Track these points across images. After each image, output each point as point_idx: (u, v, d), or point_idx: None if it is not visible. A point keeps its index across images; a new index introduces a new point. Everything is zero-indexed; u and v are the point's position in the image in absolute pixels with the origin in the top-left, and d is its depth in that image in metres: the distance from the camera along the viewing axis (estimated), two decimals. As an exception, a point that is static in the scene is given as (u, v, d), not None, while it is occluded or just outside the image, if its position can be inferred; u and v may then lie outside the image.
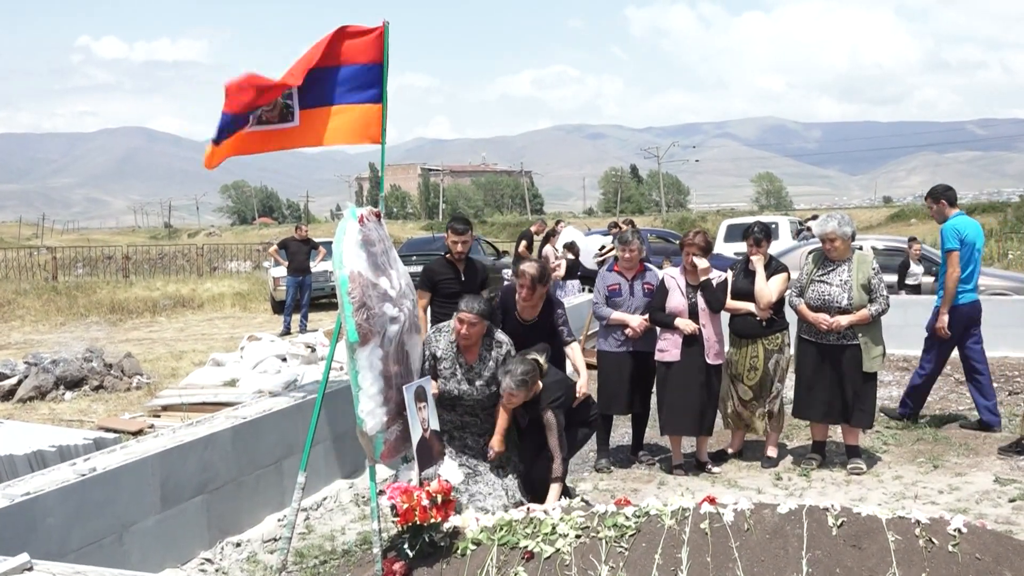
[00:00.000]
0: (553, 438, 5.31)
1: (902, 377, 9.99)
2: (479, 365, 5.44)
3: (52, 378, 10.31)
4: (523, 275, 5.73)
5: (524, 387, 5.23)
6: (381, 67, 5.34)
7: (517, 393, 5.22)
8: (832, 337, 6.48)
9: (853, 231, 6.60)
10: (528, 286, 5.74)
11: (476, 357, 5.45)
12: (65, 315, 19.98)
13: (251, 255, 36.77)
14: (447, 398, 5.42)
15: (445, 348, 5.45)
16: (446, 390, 5.40)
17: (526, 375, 5.21)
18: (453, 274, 7.19)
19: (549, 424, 5.33)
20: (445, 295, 7.01)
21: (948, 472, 6.52)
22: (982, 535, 3.78)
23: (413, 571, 4.17)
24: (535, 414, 5.38)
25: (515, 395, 5.23)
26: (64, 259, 33.07)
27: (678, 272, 6.75)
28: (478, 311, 5.30)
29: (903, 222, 52.82)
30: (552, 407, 5.36)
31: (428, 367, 5.37)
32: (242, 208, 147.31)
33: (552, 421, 5.33)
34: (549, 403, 5.36)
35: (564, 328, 6.08)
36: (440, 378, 5.40)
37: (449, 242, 7.13)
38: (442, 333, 5.52)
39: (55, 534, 4.26)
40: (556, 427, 5.32)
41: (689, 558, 3.84)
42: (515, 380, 5.20)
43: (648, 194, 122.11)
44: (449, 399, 5.43)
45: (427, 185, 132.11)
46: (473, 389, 5.43)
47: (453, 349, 5.43)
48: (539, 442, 5.42)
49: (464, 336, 5.31)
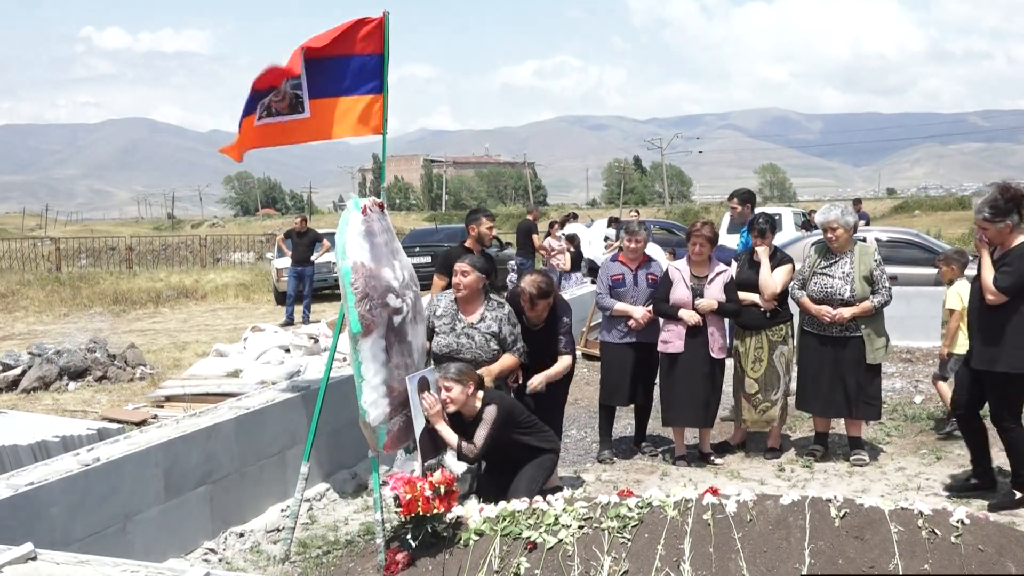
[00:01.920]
0: (482, 430, 5.02)
1: (905, 369, 10.00)
2: (479, 322, 5.52)
3: (56, 369, 10.32)
4: (523, 293, 5.73)
5: (459, 378, 5.02)
6: (382, 57, 5.33)
7: (452, 387, 5.00)
8: (835, 329, 6.47)
9: (855, 222, 6.60)
10: (528, 302, 5.73)
11: (476, 315, 5.54)
12: (69, 306, 20.00)
13: (254, 246, 36.80)
14: (444, 355, 5.44)
15: (446, 306, 5.60)
16: (444, 344, 5.47)
17: (461, 369, 5.09)
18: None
19: (487, 416, 5.05)
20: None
21: (951, 464, 6.51)
22: (985, 526, 3.78)
23: (416, 561, 4.18)
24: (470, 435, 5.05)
25: (450, 389, 5.01)
26: (68, 250, 33.11)
27: (683, 263, 6.74)
28: (471, 262, 5.54)
29: (907, 213, 52.78)
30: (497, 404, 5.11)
31: (429, 327, 5.51)
32: (245, 199, 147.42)
33: (491, 416, 5.06)
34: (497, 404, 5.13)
35: (564, 338, 5.96)
36: (438, 334, 5.50)
37: (484, 229, 7.30)
38: (445, 294, 5.72)
39: (59, 524, 4.27)
40: (491, 424, 5.03)
41: (692, 549, 3.84)
42: (451, 370, 5.06)
43: (651, 185, 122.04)
44: (447, 355, 5.43)
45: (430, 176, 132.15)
46: (472, 343, 5.47)
47: (453, 307, 5.57)
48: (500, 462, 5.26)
49: (462, 287, 5.47)
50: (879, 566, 3.64)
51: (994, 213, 5.26)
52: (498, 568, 3.97)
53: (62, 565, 3.26)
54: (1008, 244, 5.34)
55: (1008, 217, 5.26)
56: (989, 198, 5.27)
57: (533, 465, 5.23)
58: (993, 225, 5.31)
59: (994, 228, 5.31)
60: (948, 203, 56.83)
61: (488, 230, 7.33)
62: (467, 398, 5.05)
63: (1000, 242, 5.37)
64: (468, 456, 4.96)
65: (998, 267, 5.33)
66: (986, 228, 5.35)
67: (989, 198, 5.27)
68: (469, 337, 5.48)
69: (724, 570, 3.75)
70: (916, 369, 9.98)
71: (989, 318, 5.36)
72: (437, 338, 5.52)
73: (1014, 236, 5.34)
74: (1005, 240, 5.35)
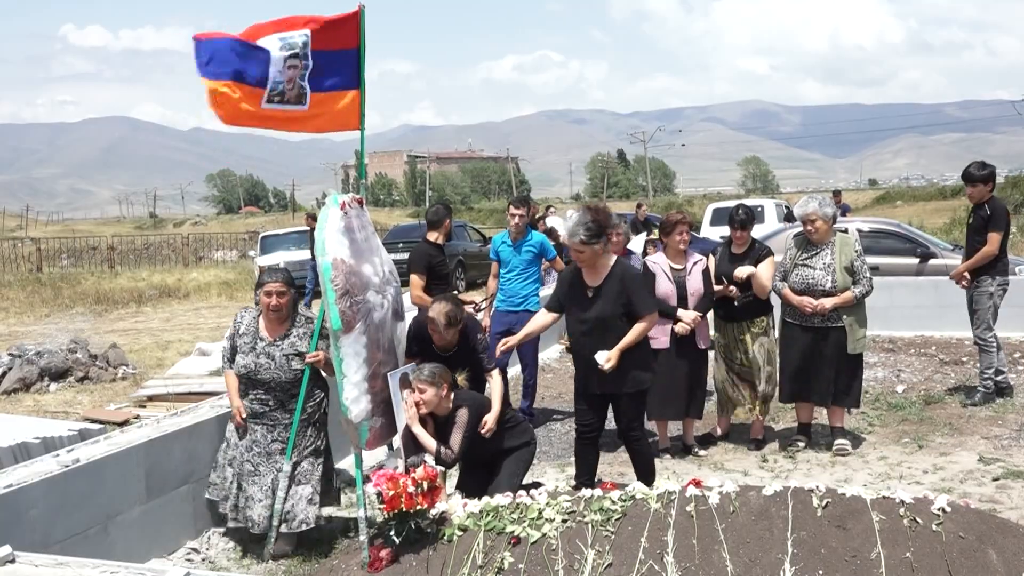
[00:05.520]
0: (457, 434, 5.00)
1: (887, 359, 10.04)
2: (281, 339, 5.21)
3: (37, 369, 10.25)
4: (431, 322, 5.28)
5: (433, 380, 4.95)
6: (358, 51, 5.30)
7: (426, 389, 4.93)
8: (817, 320, 6.49)
9: (834, 212, 6.62)
10: (436, 331, 5.31)
11: (280, 332, 5.24)
12: (50, 306, 19.88)
13: (237, 244, 36.65)
14: (244, 376, 5.19)
15: (248, 323, 5.29)
16: (243, 364, 5.17)
17: (435, 370, 4.98)
18: (443, 256, 7.48)
19: (460, 420, 5.02)
20: (439, 276, 7.34)
21: (933, 452, 6.55)
22: (966, 514, 3.80)
23: (400, 558, 4.17)
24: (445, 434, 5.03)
25: (424, 391, 4.94)
26: (49, 250, 32.91)
27: (660, 257, 6.75)
28: (283, 279, 5.25)
29: (889, 204, 52.99)
30: (469, 407, 5.08)
31: (228, 348, 5.28)
32: (227, 197, 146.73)
33: (463, 419, 5.03)
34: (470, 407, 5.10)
35: (484, 356, 5.58)
36: (240, 353, 5.21)
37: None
38: (248, 311, 5.41)
39: (39, 525, 4.24)
40: (464, 427, 5.01)
41: (675, 541, 3.84)
42: (424, 372, 4.97)
43: (635, 179, 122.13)
44: (246, 377, 5.19)
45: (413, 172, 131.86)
46: (272, 363, 5.15)
47: (255, 325, 5.27)
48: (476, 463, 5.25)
49: (275, 307, 5.16)
50: (861, 555, 3.66)
51: (590, 235, 5.17)
52: (482, 563, 3.96)
53: (41, 567, 3.24)
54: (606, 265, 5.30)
55: (600, 239, 5.23)
56: (582, 220, 5.15)
57: (512, 459, 5.24)
58: (589, 247, 5.21)
59: (590, 250, 5.22)
60: (930, 193, 57.11)
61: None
62: (440, 400, 5.02)
63: (592, 264, 5.29)
64: (446, 461, 4.93)
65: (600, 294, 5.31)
66: (582, 251, 5.23)
67: (582, 220, 5.15)
68: (269, 357, 5.16)
69: (707, 562, 3.75)
70: (898, 359, 10.03)
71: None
72: (238, 357, 5.22)
73: (606, 257, 5.32)
74: (597, 262, 5.29)
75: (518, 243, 7.68)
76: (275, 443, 5.19)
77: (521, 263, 7.65)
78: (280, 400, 5.20)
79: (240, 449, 5.21)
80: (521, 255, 7.66)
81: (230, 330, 5.28)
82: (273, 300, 5.16)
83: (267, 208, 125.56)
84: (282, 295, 5.17)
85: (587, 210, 5.27)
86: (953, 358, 9.82)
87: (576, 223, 5.18)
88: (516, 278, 7.67)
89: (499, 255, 7.77)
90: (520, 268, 7.66)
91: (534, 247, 7.71)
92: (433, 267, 7.27)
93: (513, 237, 7.71)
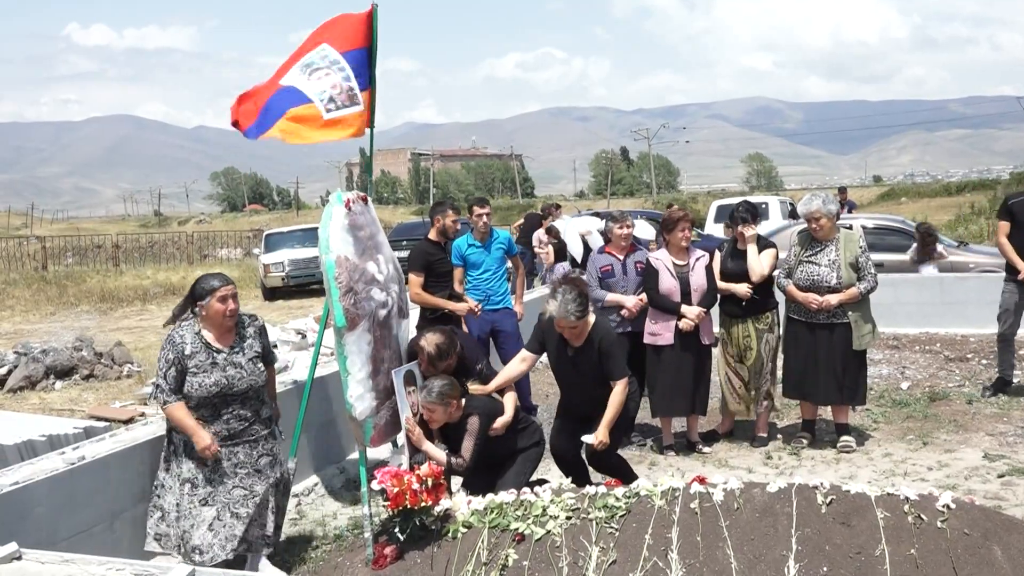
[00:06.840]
0: (468, 442, 4.95)
1: (892, 355, 10.03)
2: (239, 344, 4.76)
3: (42, 367, 10.27)
4: (420, 351, 5.14)
5: (442, 401, 4.88)
6: (370, 51, 5.33)
7: (435, 408, 4.87)
8: (821, 316, 6.49)
9: (837, 210, 6.62)
10: (427, 362, 5.14)
11: (232, 338, 4.76)
12: (55, 304, 19.91)
13: (242, 242, 36.67)
14: (216, 394, 4.62)
15: (192, 342, 4.66)
16: (212, 383, 4.59)
17: (444, 388, 4.89)
18: (442, 254, 7.43)
19: (471, 427, 4.97)
20: (438, 274, 7.31)
21: (937, 449, 6.54)
22: (971, 511, 3.79)
23: (404, 555, 4.18)
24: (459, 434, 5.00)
25: (433, 411, 4.89)
26: (54, 248, 32.95)
27: (663, 253, 6.75)
28: (230, 279, 4.81)
29: (894, 201, 52.91)
30: (479, 414, 5.01)
31: (173, 376, 4.57)
32: (232, 195, 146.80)
33: (475, 426, 4.98)
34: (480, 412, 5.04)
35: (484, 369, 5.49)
36: (198, 375, 4.59)
37: (448, 221, 7.36)
38: (183, 329, 4.72)
39: (45, 523, 4.25)
40: (475, 434, 4.96)
41: (679, 538, 3.85)
42: (433, 393, 4.86)
43: (639, 176, 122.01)
44: (216, 397, 4.63)
45: (417, 170, 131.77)
46: (243, 372, 4.69)
47: (200, 340, 4.67)
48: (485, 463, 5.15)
49: (232, 312, 4.67)
50: (866, 552, 3.65)
51: (581, 311, 5.13)
52: (486, 560, 3.97)
53: (47, 564, 3.25)
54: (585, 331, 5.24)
55: (587, 310, 5.21)
56: (569, 299, 5.07)
57: (520, 459, 5.22)
58: (581, 322, 5.17)
59: (582, 323, 5.18)
60: (934, 190, 57.02)
61: (452, 223, 7.38)
62: (450, 415, 4.97)
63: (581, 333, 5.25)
64: (459, 470, 4.93)
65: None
66: (575, 327, 5.17)
67: (569, 299, 5.07)
68: (236, 366, 4.68)
69: (711, 558, 3.76)
70: (903, 356, 10.01)
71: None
72: (197, 378, 4.58)
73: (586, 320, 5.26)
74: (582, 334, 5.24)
75: (488, 242, 7.62)
76: (263, 457, 4.78)
77: (494, 262, 7.62)
78: (256, 410, 4.79)
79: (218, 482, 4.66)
80: (492, 254, 7.61)
81: (168, 355, 4.59)
82: (230, 304, 4.66)
83: (271, 206, 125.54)
84: (236, 297, 4.74)
85: (569, 286, 5.16)
86: (958, 355, 9.80)
87: (563, 303, 5.07)
88: (492, 277, 7.60)
89: (467, 259, 7.56)
90: (494, 268, 7.61)
91: (504, 244, 7.71)
92: (432, 265, 7.26)
93: (481, 237, 7.61)
